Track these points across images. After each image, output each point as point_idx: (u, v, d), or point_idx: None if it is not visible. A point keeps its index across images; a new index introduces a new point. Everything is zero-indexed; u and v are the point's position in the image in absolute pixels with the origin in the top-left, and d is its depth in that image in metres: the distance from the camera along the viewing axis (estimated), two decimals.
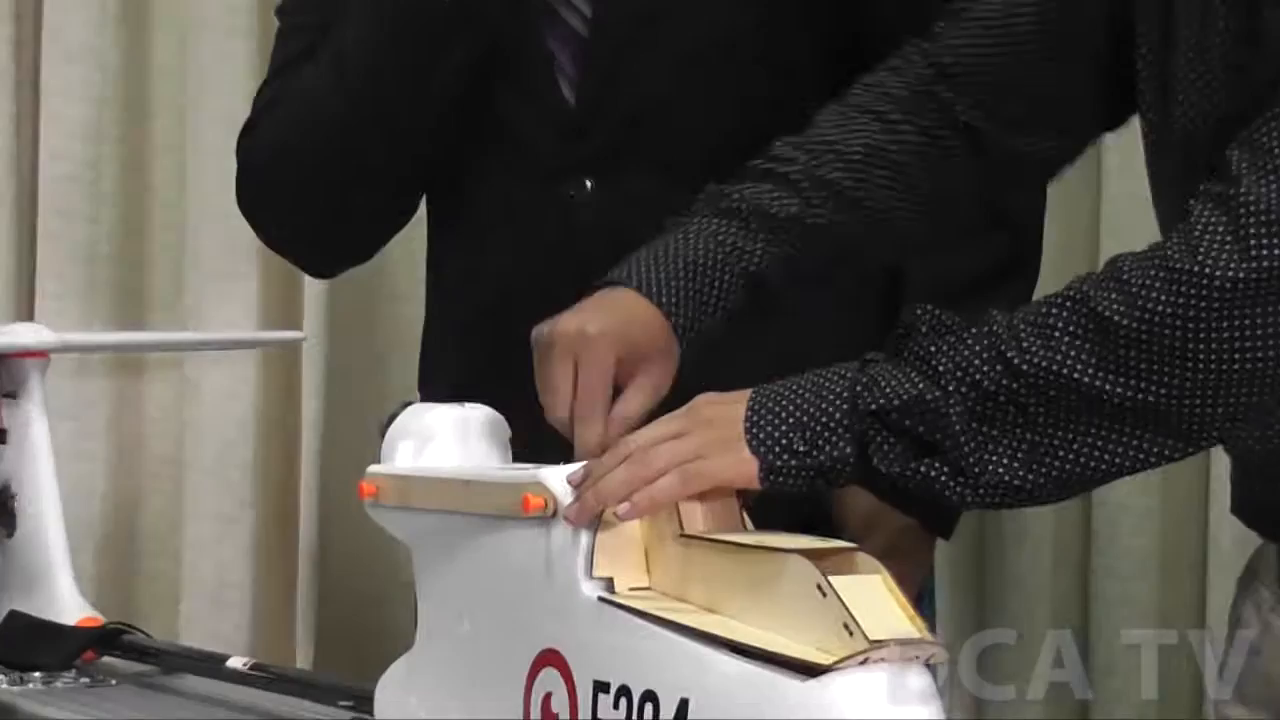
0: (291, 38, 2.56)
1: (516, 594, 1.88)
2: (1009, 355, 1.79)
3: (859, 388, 1.81)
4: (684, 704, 1.70)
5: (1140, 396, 1.77)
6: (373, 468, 2.02)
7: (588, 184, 2.41)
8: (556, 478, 1.85)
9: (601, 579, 1.80)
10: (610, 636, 1.78)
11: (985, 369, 1.79)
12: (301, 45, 2.52)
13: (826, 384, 1.83)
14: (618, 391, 1.94)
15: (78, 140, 3.40)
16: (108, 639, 2.60)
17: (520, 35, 2.42)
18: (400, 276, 3.26)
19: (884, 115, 2.09)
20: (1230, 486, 2.13)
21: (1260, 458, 2.03)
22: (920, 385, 1.80)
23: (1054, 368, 1.78)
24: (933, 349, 1.82)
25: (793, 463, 1.82)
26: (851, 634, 1.64)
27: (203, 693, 2.45)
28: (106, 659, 2.59)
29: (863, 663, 1.64)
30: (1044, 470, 1.81)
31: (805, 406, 1.83)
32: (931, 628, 1.80)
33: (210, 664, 2.49)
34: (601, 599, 1.79)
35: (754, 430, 1.83)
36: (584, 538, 1.81)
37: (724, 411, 1.85)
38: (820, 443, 1.82)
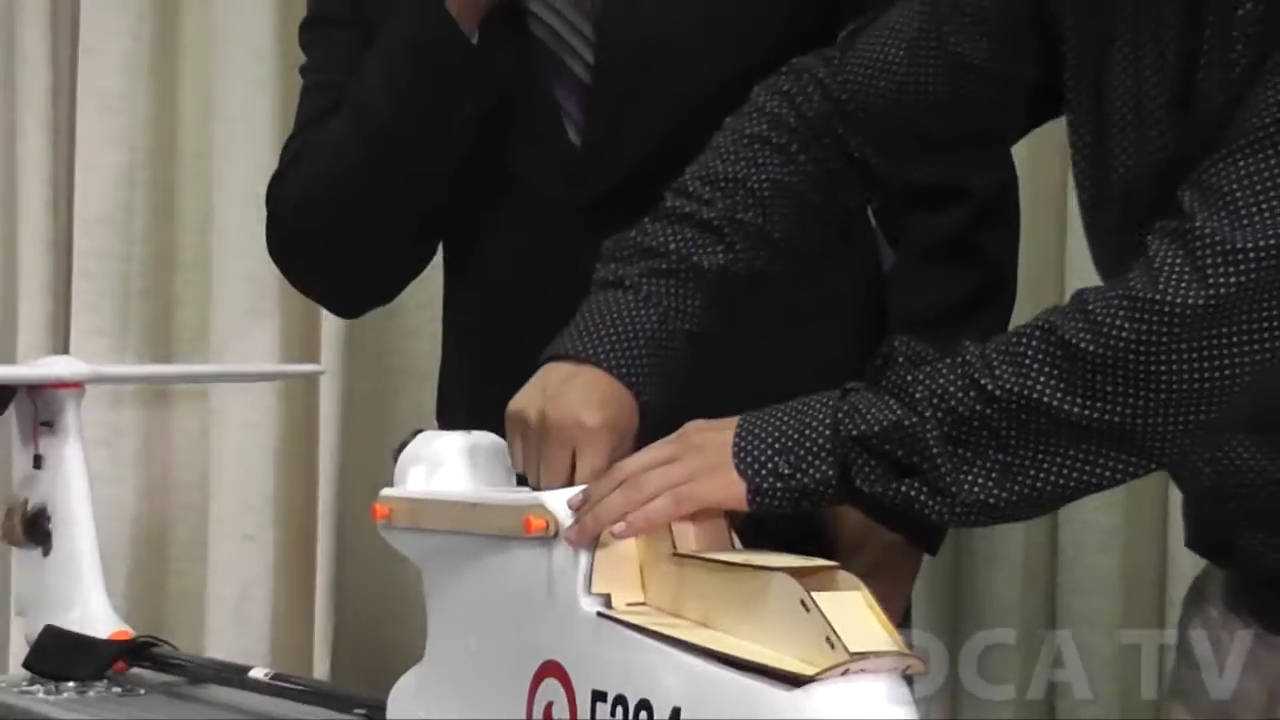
0: (315, 94, 2.55)
1: (519, 609, 1.87)
2: (982, 382, 1.79)
3: (840, 414, 1.82)
4: (676, 712, 1.70)
5: (1106, 417, 1.78)
6: (385, 491, 2.02)
7: (593, 221, 2.35)
8: (557, 501, 1.85)
9: (599, 595, 1.80)
10: (608, 649, 1.78)
11: (960, 395, 1.80)
12: (326, 101, 2.52)
13: (810, 411, 1.84)
14: None
15: (111, 184, 3.40)
16: (137, 651, 2.60)
17: (528, 83, 2.42)
18: (411, 313, 3.26)
19: (784, 148, 2.09)
20: (1184, 521, 2.14)
21: (1210, 479, 2.03)
22: (899, 411, 1.81)
23: (1025, 392, 1.78)
24: (909, 378, 1.82)
25: (778, 485, 1.83)
26: (833, 647, 1.65)
27: (226, 702, 2.44)
28: (136, 670, 2.59)
29: (844, 674, 1.64)
30: (1017, 489, 1.81)
31: (790, 432, 1.84)
32: (909, 642, 1.81)
33: (233, 674, 2.49)
34: (599, 614, 1.79)
35: (741, 454, 1.83)
36: (583, 557, 1.82)
37: (713, 437, 1.85)
38: (804, 466, 1.82)
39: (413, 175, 2.44)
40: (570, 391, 1.95)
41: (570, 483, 1.92)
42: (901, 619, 2.54)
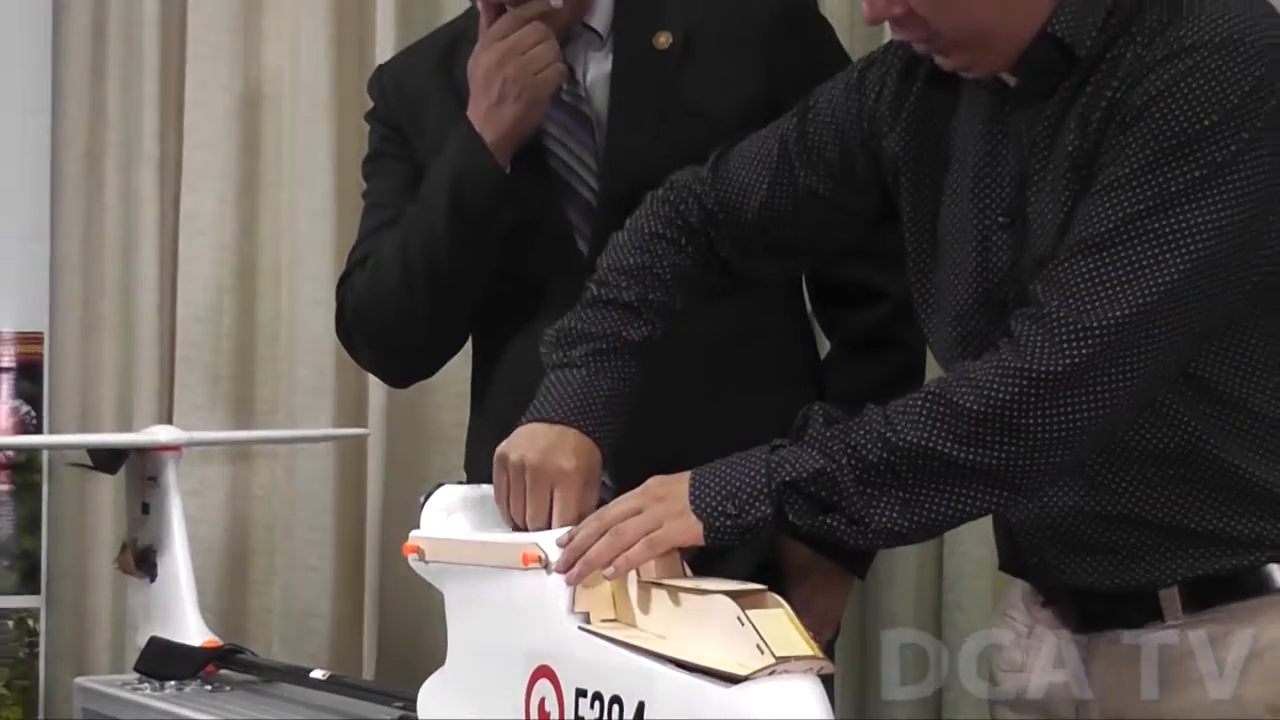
0: (374, 213, 2.55)
1: (518, 625, 1.87)
2: (887, 435, 1.79)
3: (773, 465, 1.82)
4: (641, 705, 1.71)
5: (985, 461, 1.78)
6: (414, 533, 2.02)
7: None
8: (547, 540, 1.85)
9: (580, 613, 1.81)
10: (588, 655, 1.78)
11: (869, 446, 1.80)
12: (382, 218, 2.51)
13: (747, 462, 1.83)
14: None
15: (204, 292, 3.39)
16: (224, 657, 2.62)
17: (547, 204, 2.41)
18: (439, 390, 3.22)
19: (675, 240, 2.11)
20: (998, 545, 2.12)
21: (1035, 512, 2.00)
22: (820, 461, 1.80)
23: (921, 442, 1.78)
24: (827, 434, 1.82)
25: (728, 523, 1.82)
26: (763, 653, 1.66)
27: (293, 697, 2.45)
28: (223, 671, 2.60)
29: (771, 674, 1.65)
30: (916, 518, 1.81)
31: (734, 481, 1.83)
32: (828, 650, 1.82)
33: (298, 675, 2.50)
34: (581, 628, 1.80)
35: (696, 501, 1.83)
36: (566, 583, 1.83)
37: (673, 489, 1.84)
38: (747, 507, 1.82)
39: (452, 279, 2.42)
40: (550, 444, 1.96)
41: (549, 514, 1.93)
42: (835, 633, 2.54)
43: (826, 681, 1.69)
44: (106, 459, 2.84)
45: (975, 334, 1.91)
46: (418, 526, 2.03)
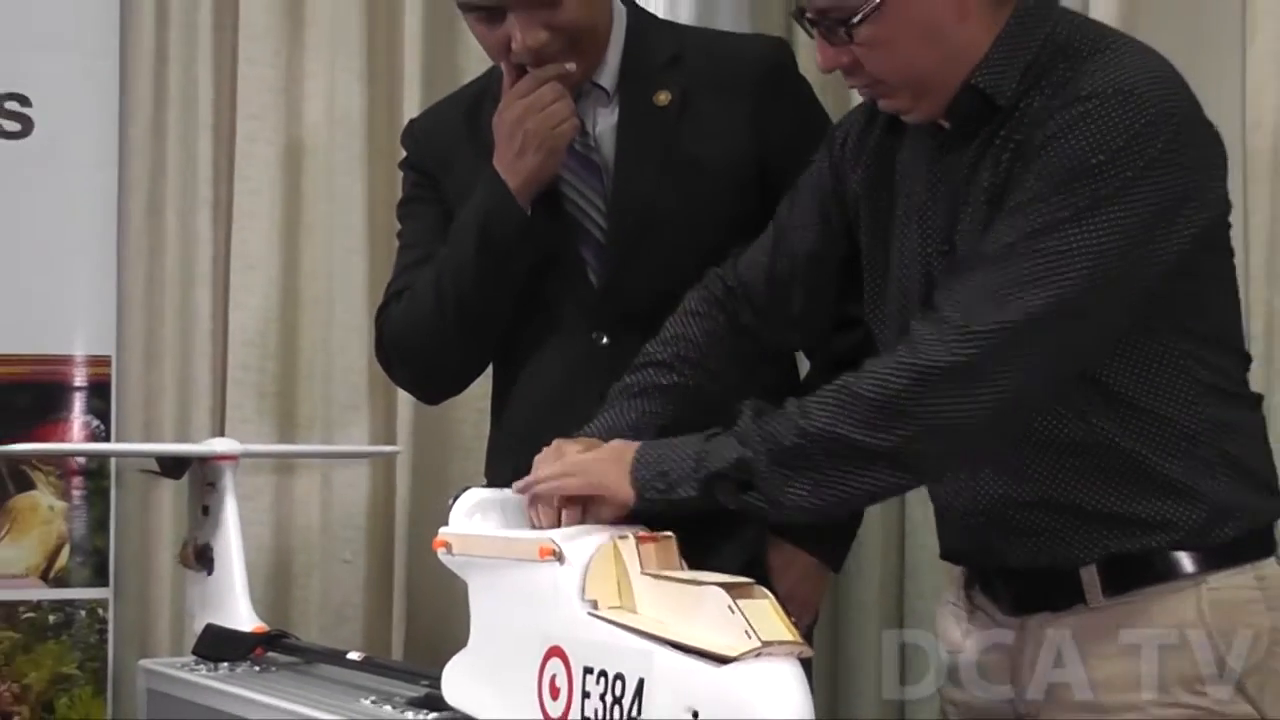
0: (408, 251, 2.55)
1: (533, 610, 1.87)
2: (800, 423, 1.82)
3: (702, 455, 1.85)
4: (641, 682, 1.70)
5: (881, 444, 1.80)
6: (443, 530, 2.02)
7: (604, 341, 2.40)
8: (560, 536, 1.85)
9: (590, 600, 1.80)
10: (595, 637, 1.78)
11: (784, 433, 1.82)
12: (415, 257, 2.52)
13: (684, 449, 1.88)
14: None
15: (252, 319, 3.39)
16: (271, 641, 2.61)
17: (562, 243, 2.42)
18: (460, 407, 3.21)
19: (708, 314, 2.18)
20: (939, 536, 2.12)
21: (968, 501, 2.02)
22: (740, 450, 1.83)
23: (828, 427, 1.80)
24: (751, 426, 1.85)
25: (657, 496, 1.86)
26: (750, 637, 1.65)
27: (331, 676, 2.44)
28: (270, 654, 2.59)
29: (757, 656, 1.65)
30: (824, 496, 1.83)
31: (668, 461, 1.87)
32: (807, 635, 1.81)
33: (336, 657, 2.49)
34: (590, 613, 1.79)
35: (635, 471, 1.87)
36: (578, 573, 1.82)
37: (623, 453, 1.90)
38: (676, 487, 1.86)
39: (479, 308, 2.43)
40: (580, 450, 1.97)
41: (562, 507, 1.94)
42: (814, 619, 2.54)
43: (805, 664, 1.68)
44: (173, 466, 2.85)
45: None
46: (446, 524, 2.02)
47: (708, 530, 1.90)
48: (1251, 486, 1.94)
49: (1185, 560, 1.91)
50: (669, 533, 1.84)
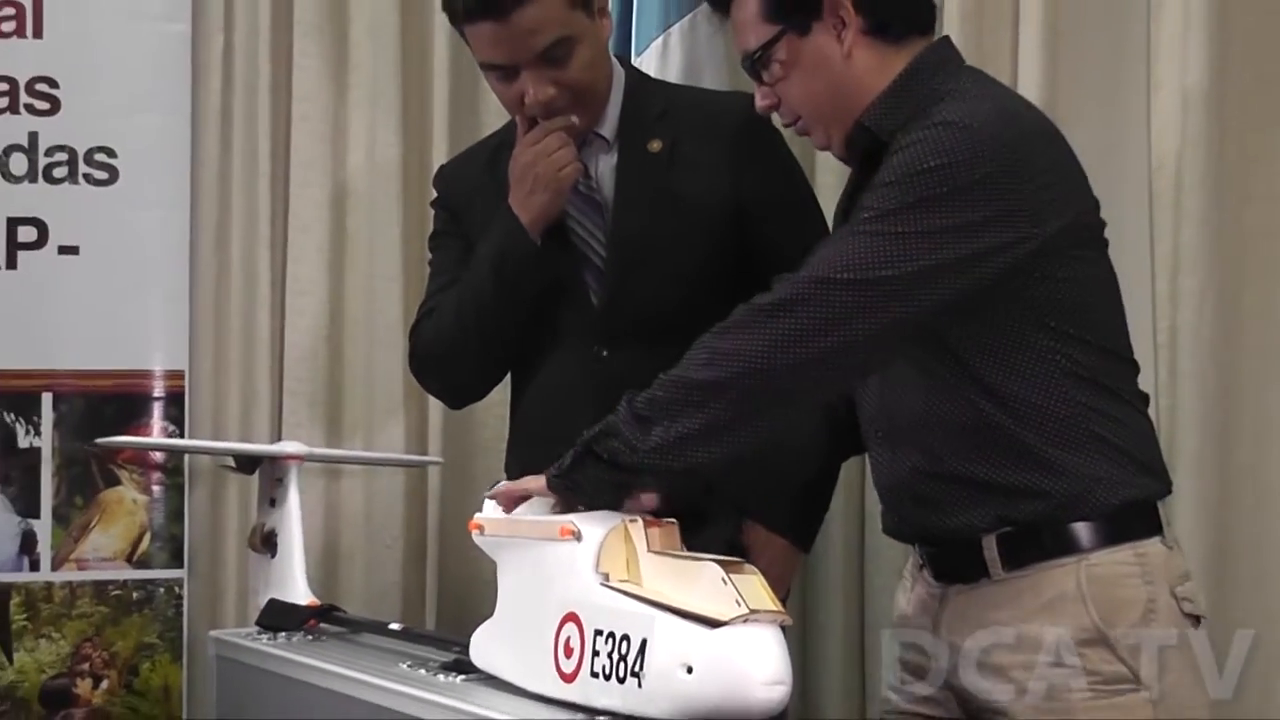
0: (436, 278, 2.56)
1: (552, 582, 1.87)
2: (661, 378, 1.84)
3: (590, 436, 1.86)
4: (644, 642, 1.71)
5: (716, 377, 1.80)
6: (477, 515, 2.02)
7: (604, 353, 2.40)
8: (580, 519, 1.85)
9: (602, 573, 1.81)
10: (606, 604, 1.78)
11: (646, 392, 1.83)
12: (442, 282, 2.52)
13: (582, 439, 1.87)
14: None
15: (305, 338, 3.37)
16: (323, 614, 2.60)
17: (568, 269, 2.42)
18: (482, 413, 3.22)
19: None
20: (881, 515, 2.12)
21: (891, 476, 2.03)
22: (608, 419, 1.85)
23: (678, 373, 1.83)
24: (622, 404, 1.86)
25: (554, 473, 1.88)
26: (739, 605, 1.66)
27: (374, 644, 2.43)
28: (322, 625, 2.59)
29: (745, 621, 1.66)
30: (676, 432, 1.81)
31: (565, 453, 1.88)
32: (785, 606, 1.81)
33: (379, 627, 2.49)
34: (602, 584, 1.80)
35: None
36: (593, 550, 1.82)
37: None
38: (565, 463, 1.88)
39: (495, 326, 2.43)
40: None
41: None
42: (786, 593, 2.54)
43: (785, 630, 1.70)
44: (248, 464, 2.84)
45: None
46: (480, 511, 2.02)
47: (697, 519, 1.91)
48: (1122, 464, 1.93)
49: (1071, 538, 1.91)
50: (672, 520, 1.84)
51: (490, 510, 2.02)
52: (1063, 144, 1.96)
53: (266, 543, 2.74)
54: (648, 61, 2.95)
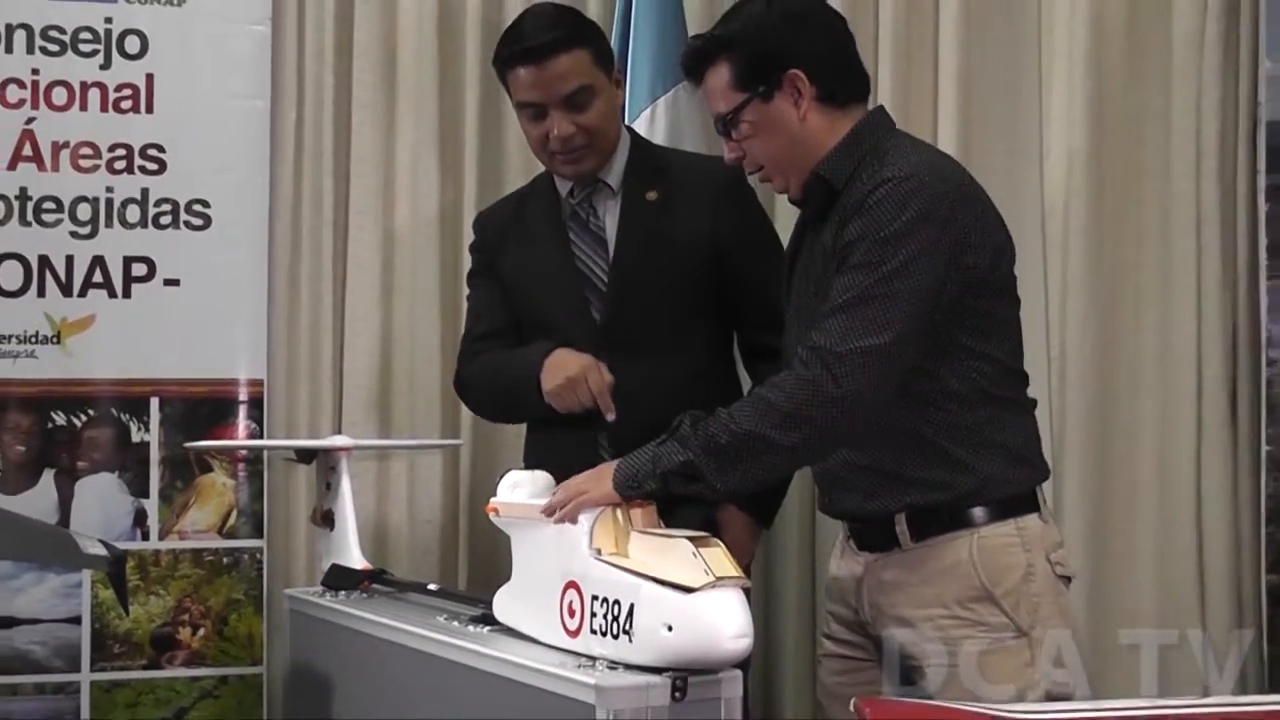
0: (473, 317, 2.59)
1: (558, 556, 1.86)
2: (730, 425, 1.80)
3: (657, 458, 1.82)
4: (632, 606, 1.71)
5: (790, 441, 1.79)
6: (494, 499, 2.01)
7: (604, 358, 2.37)
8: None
9: (596, 549, 1.80)
10: (600, 574, 1.78)
11: (718, 433, 1.81)
12: (482, 326, 2.54)
13: (642, 455, 1.84)
14: None
15: (361, 355, 3.31)
16: (374, 576, 2.58)
17: (577, 292, 2.43)
18: None
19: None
20: (816, 494, 2.15)
21: (825, 468, 2.03)
22: (685, 455, 1.81)
23: (752, 429, 1.79)
24: (693, 431, 1.83)
25: (629, 493, 1.82)
26: (707, 574, 1.65)
27: (416, 601, 2.41)
28: (374, 585, 2.56)
29: (713, 587, 1.64)
30: (749, 480, 1.81)
31: (633, 467, 1.83)
32: (745, 572, 1.78)
33: (419, 587, 2.47)
34: (596, 558, 1.79)
35: (615, 477, 1.83)
36: (587, 530, 1.81)
37: (604, 471, 1.86)
38: (641, 484, 1.83)
39: (508, 419, 2.64)
40: (580, 480, 1.92)
41: None
42: (750, 561, 2.50)
43: (746, 593, 1.69)
44: (306, 455, 2.81)
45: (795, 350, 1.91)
46: (495, 495, 2.00)
47: (673, 500, 1.88)
48: (1014, 464, 1.94)
49: (964, 516, 1.92)
50: (651, 503, 1.83)
51: (504, 494, 1.99)
52: (982, 197, 1.95)
53: (325, 519, 2.71)
54: (639, 127, 2.93)
